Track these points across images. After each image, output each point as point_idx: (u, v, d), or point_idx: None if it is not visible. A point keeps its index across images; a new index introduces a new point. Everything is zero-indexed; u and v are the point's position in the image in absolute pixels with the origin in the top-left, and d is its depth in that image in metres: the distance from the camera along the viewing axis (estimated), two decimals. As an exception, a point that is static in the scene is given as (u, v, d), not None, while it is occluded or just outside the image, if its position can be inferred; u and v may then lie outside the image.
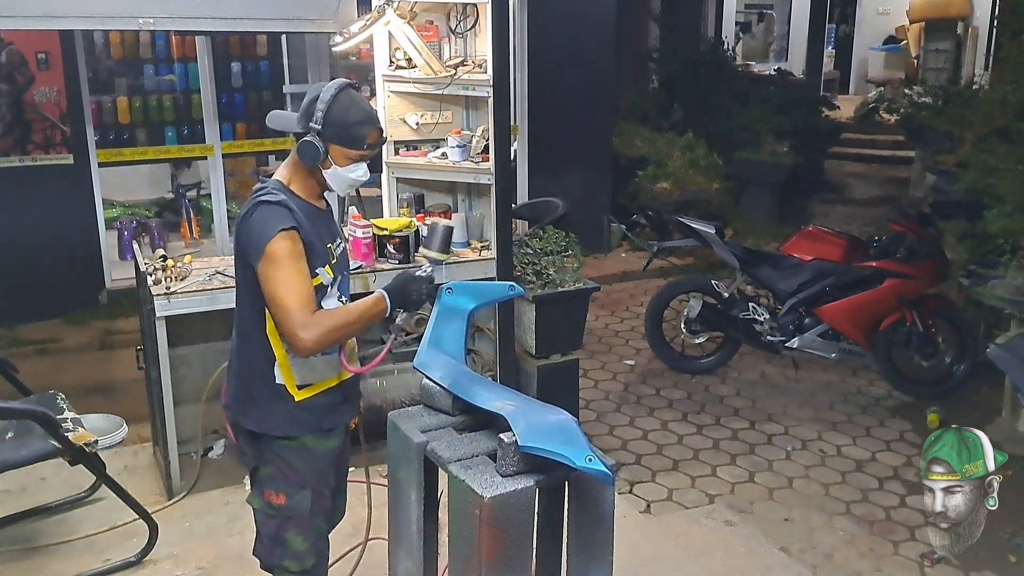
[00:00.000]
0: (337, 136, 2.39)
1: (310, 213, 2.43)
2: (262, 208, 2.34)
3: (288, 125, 2.45)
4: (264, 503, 2.53)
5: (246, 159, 8.94)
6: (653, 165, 8.64)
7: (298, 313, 2.26)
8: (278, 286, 2.28)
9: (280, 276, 2.28)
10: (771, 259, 5.54)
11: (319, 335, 2.28)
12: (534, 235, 4.74)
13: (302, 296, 2.28)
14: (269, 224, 2.30)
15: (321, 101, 2.37)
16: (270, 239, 2.28)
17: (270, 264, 2.28)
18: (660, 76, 10.56)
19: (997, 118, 5.63)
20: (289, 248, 2.29)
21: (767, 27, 16.79)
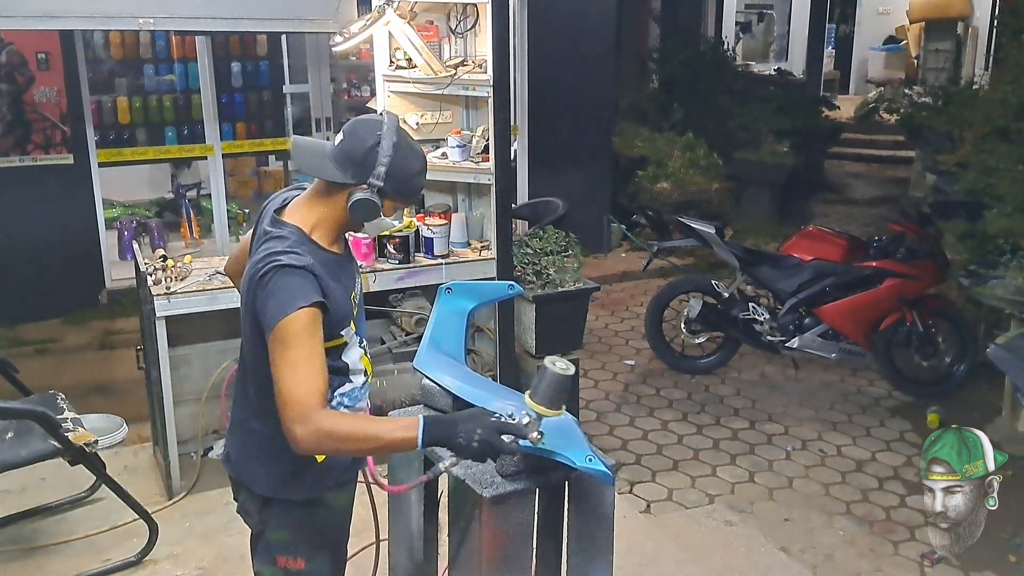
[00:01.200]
0: (397, 191, 2.08)
1: (333, 266, 2.10)
2: (284, 275, 1.97)
3: (325, 171, 2.06)
4: (278, 570, 2.21)
5: (246, 159, 8.95)
6: (653, 165, 8.64)
7: (296, 405, 1.93)
8: (283, 369, 1.96)
9: (288, 359, 1.95)
10: (771, 259, 5.54)
11: (316, 437, 1.93)
12: (534, 235, 4.74)
13: (305, 386, 1.94)
14: (290, 296, 1.96)
15: (383, 153, 2.03)
16: (287, 315, 1.95)
17: (280, 343, 1.96)
18: (660, 76, 10.56)
19: (997, 118, 5.63)
20: (305, 327, 1.96)
21: (767, 27, 16.79)
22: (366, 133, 2.05)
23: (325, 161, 2.06)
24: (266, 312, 1.97)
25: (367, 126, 2.07)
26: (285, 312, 1.94)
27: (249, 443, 2.24)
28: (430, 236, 4.34)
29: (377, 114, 2.12)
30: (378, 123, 2.06)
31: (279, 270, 1.97)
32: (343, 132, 2.07)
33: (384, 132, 2.04)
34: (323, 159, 2.06)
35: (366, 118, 2.11)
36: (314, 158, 2.08)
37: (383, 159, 2.02)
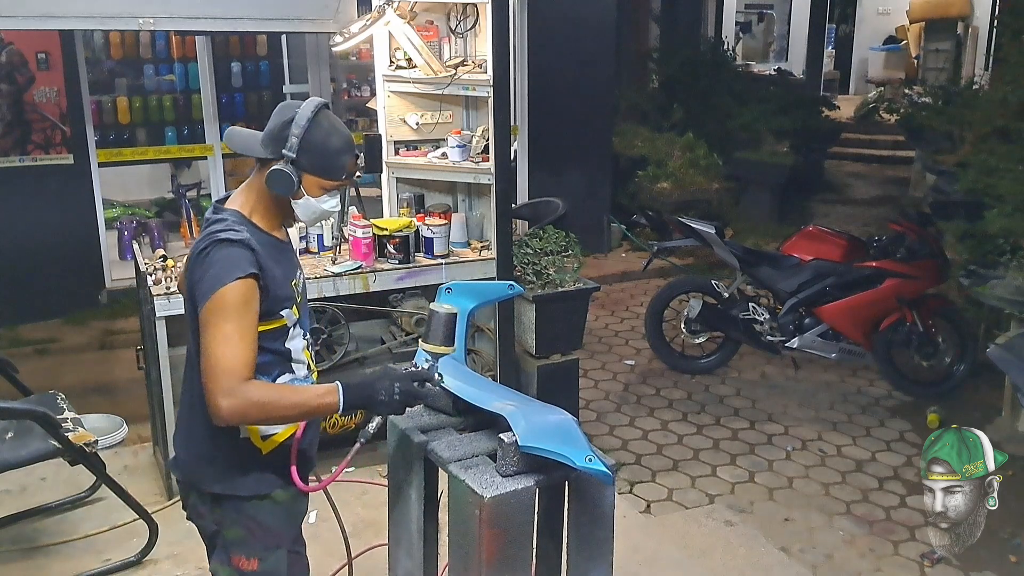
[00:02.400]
0: (313, 165, 2.11)
1: (273, 248, 2.14)
2: (220, 248, 2.02)
3: (251, 148, 2.14)
4: (233, 570, 2.22)
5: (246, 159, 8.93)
6: (653, 165, 8.64)
7: (224, 376, 1.95)
8: (214, 339, 1.97)
9: (219, 329, 1.97)
10: (771, 259, 5.54)
11: (240, 407, 1.95)
12: (534, 235, 4.74)
13: (236, 358, 1.96)
14: (226, 268, 1.99)
15: (296, 125, 2.08)
16: (224, 285, 1.98)
17: (213, 313, 1.98)
18: (660, 76, 10.57)
19: (997, 118, 5.63)
20: (240, 299, 1.99)
21: (767, 27, 16.81)
22: (286, 111, 2.13)
23: (253, 141, 2.15)
24: (202, 285, 2.00)
25: (289, 106, 2.15)
26: (222, 282, 1.98)
27: (196, 439, 2.23)
28: (430, 236, 4.34)
29: (305, 99, 2.19)
30: (299, 103, 2.13)
31: (216, 245, 2.02)
32: (272, 114, 2.16)
33: (301, 109, 2.10)
34: (251, 141, 2.15)
35: (291, 100, 2.20)
36: (243, 139, 2.18)
37: (295, 131, 2.08)
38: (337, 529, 2.83)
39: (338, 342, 4.19)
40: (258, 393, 1.99)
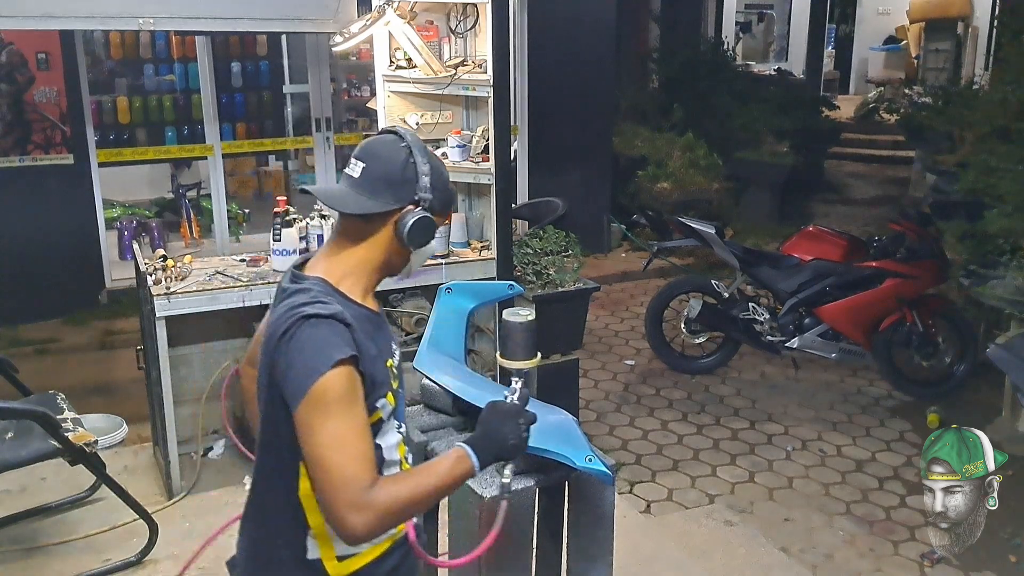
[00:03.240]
0: (442, 202, 1.78)
1: (368, 322, 1.73)
2: (308, 327, 1.63)
3: (362, 204, 1.72)
4: None
5: (246, 159, 8.97)
6: (653, 165, 8.64)
7: (350, 488, 1.57)
8: (326, 445, 1.59)
9: (330, 431, 1.59)
10: (771, 259, 5.54)
11: (375, 521, 1.59)
12: (534, 235, 4.74)
13: (356, 462, 1.59)
14: (321, 353, 1.61)
15: (421, 164, 1.74)
16: (321, 375, 1.59)
17: (317, 411, 1.59)
18: (660, 76, 10.57)
19: (997, 118, 5.62)
20: (345, 389, 1.61)
21: (767, 27, 16.80)
22: (391, 150, 1.75)
23: (352, 196, 1.73)
24: (293, 377, 1.62)
25: (386, 144, 1.77)
26: (319, 371, 1.59)
27: (254, 551, 1.87)
28: (430, 236, 4.34)
29: (384, 131, 1.82)
30: (397, 137, 1.77)
31: (303, 322, 1.63)
32: (361, 159, 1.75)
33: (411, 143, 1.76)
34: (348, 195, 1.74)
35: (377, 138, 1.80)
36: (339, 196, 1.75)
37: (423, 170, 1.74)
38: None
39: (338, 342, 4.18)
40: (389, 495, 1.61)
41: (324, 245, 1.83)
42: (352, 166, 1.76)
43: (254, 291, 3.98)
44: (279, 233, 4.06)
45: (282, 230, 4.06)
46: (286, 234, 4.08)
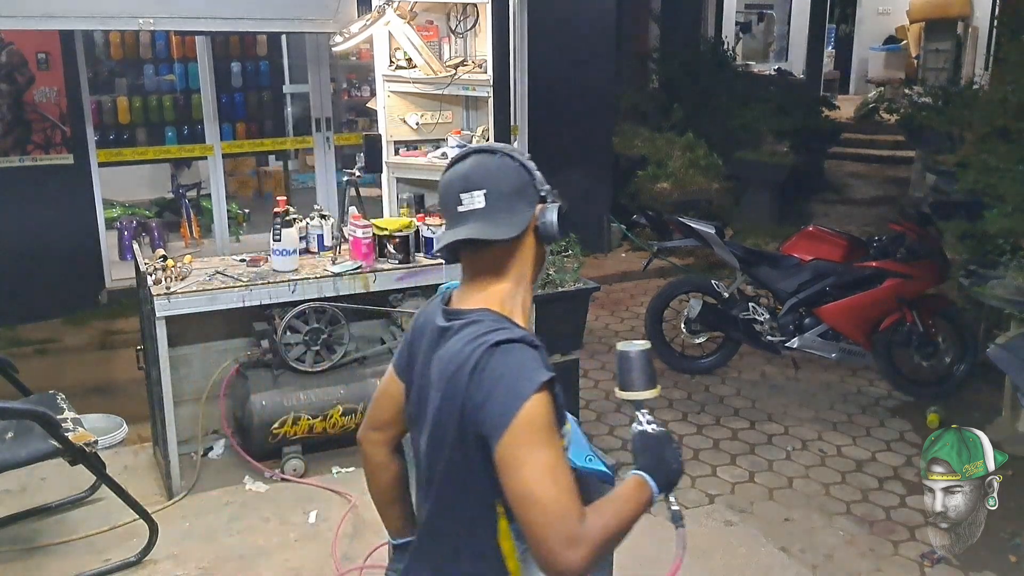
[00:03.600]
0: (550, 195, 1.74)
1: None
2: (502, 352, 1.54)
3: (510, 224, 1.64)
4: None
5: (246, 159, 8.97)
6: (653, 165, 8.64)
7: (567, 523, 1.46)
8: (537, 478, 1.47)
9: (540, 461, 1.47)
10: (771, 259, 5.54)
11: (590, 556, 1.47)
12: (534, 235, 4.74)
13: (568, 494, 1.48)
14: (522, 377, 1.51)
15: (524, 160, 1.71)
16: (525, 401, 1.49)
17: (523, 441, 1.48)
18: (660, 76, 10.58)
19: (997, 118, 5.63)
20: (549, 414, 1.51)
21: (767, 27, 16.81)
22: (498, 165, 1.68)
23: (495, 223, 1.63)
24: (491, 408, 1.51)
25: (488, 161, 1.68)
26: (522, 397, 1.49)
27: None
28: (430, 236, 4.34)
29: (470, 152, 1.72)
30: (488, 153, 1.70)
31: (493, 351, 1.53)
32: (477, 186, 1.64)
33: (504, 150, 1.70)
34: (491, 223, 1.63)
35: (476, 161, 1.69)
36: (488, 229, 1.63)
37: (530, 166, 1.71)
38: (337, 529, 2.83)
39: (338, 342, 4.19)
40: (599, 527, 1.51)
41: (463, 284, 1.73)
42: (468, 199, 1.64)
43: (254, 291, 3.98)
44: (279, 233, 4.06)
45: (282, 230, 4.07)
46: (286, 234, 4.08)
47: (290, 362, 4.10)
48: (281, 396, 4.11)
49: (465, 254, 1.69)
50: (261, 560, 3.54)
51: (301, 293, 4.05)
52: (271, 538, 3.68)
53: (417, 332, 1.77)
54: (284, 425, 4.09)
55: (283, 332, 4.05)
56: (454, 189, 1.67)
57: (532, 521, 1.47)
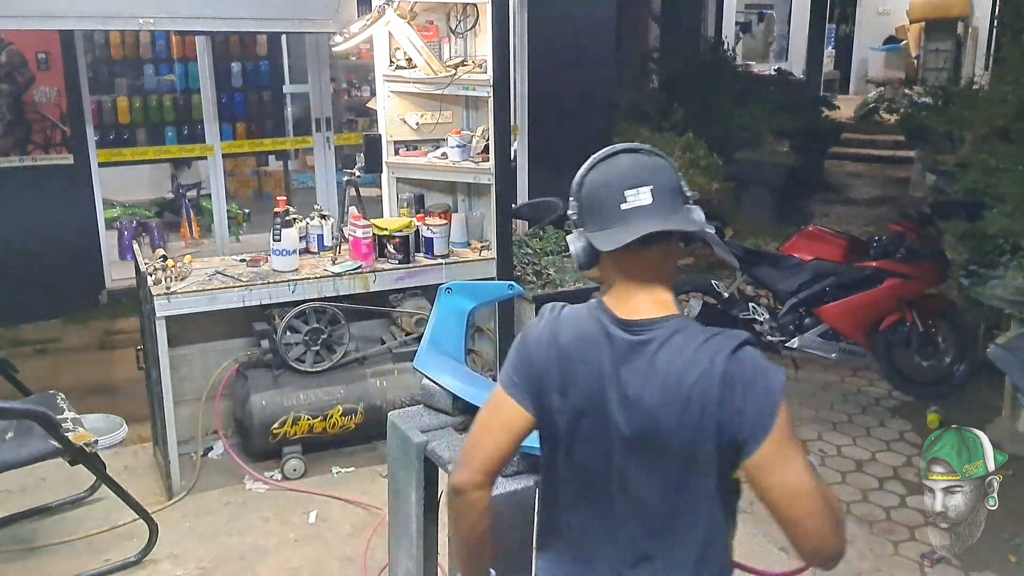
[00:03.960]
0: None
1: None
2: (747, 356, 1.57)
3: (692, 216, 1.69)
4: None
5: (246, 159, 8.97)
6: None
7: (833, 505, 1.56)
8: (804, 469, 1.55)
9: (800, 454, 1.56)
10: (771, 259, 5.54)
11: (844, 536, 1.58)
12: (534, 235, 4.74)
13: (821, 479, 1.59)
14: (771, 376, 1.57)
15: (665, 155, 1.72)
16: (781, 397, 1.56)
17: (788, 437, 1.54)
18: (660, 76, 10.58)
19: (997, 118, 5.63)
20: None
21: (767, 27, 16.81)
22: (655, 162, 1.67)
23: (671, 216, 1.63)
24: (753, 412, 1.54)
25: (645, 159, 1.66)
26: (778, 396, 1.55)
27: None
28: (430, 236, 4.35)
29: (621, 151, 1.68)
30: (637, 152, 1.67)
31: (735, 357, 1.55)
32: (643, 183, 1.62)
33: (646, 148, 1.68)
34: (667, 216, 1.62)
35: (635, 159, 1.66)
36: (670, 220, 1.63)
37: (671, 161, 1.71)
38: (337, 529, 2.83)
39: (338, 342, 4.19)
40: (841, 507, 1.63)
41: (618, 290, 1.66)
42: (634, 196, 1.60)
43: (254, 291, 3.98)
44: (279, 233, 4.06)
45: (282, 230, 4.07)
46: (286, 234, 4.08)
47: (290, 362, 4.10)
48: (281, 396, 4.11)
49: (626, 254, 1.61)
50: (261, 560, 3.54)
51: (301, 293, 4.05)
52: (271, 538, 3.68)
53: (573, 351, 1.64)
54: (284, 425, 4.09)
55: (283, 332, 4.05)
56: (616, 186, 1.62)
57: (809, 511, 1.52)
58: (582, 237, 1.66)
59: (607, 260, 1.65)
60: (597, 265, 1.68)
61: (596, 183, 1.65)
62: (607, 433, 1.61)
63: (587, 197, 1.66)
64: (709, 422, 1.54)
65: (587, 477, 1.66)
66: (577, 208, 1.68)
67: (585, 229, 1.66)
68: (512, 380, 1.69)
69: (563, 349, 1.65)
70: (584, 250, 1.66)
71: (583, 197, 1.67)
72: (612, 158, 1.66)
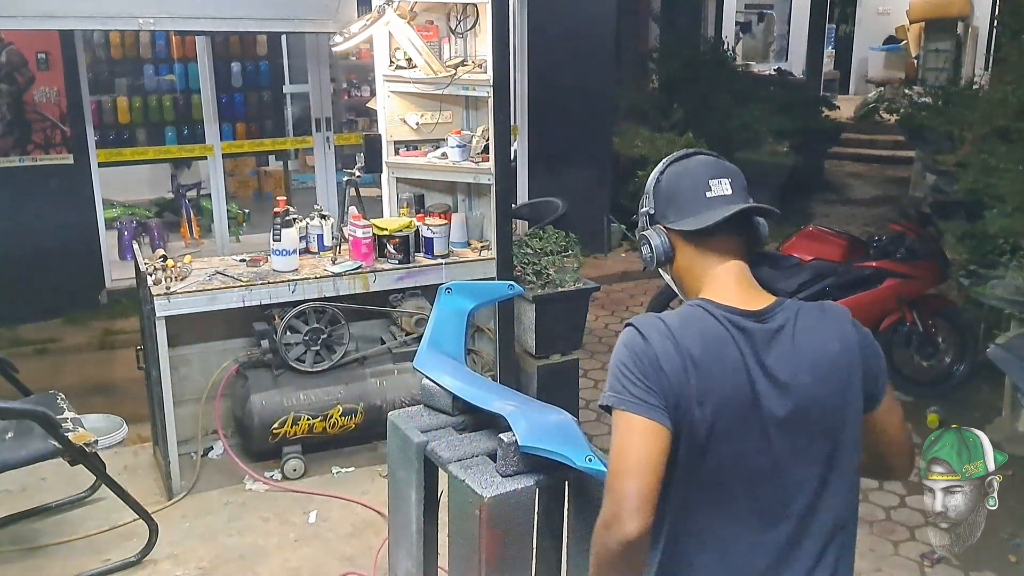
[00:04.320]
0: None
1: None
2: (856, 320, 1.84)
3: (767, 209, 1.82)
4: None
5: (246, 159, 8.97)
6: (653, 165, 8.62)
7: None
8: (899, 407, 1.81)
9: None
10: (771, 259, 5.53)
11: None
12: (534, 235, 4.74)
13: None
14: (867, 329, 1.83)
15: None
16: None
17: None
18: (660, 76, 10.56)
19: (997, 118, 5.62)
20: None
21: (767, 27, 16.81)
22: (722, 162, 1.79)
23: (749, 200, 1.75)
24: (882, 369, 1.75)
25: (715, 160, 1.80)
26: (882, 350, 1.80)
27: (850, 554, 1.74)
28: (430, 236, 4.35)
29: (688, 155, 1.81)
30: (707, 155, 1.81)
31: (856, 322, 1.80)
32: (723, 176, 1.75)
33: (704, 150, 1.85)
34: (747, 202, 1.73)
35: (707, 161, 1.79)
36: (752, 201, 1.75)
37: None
38: (337, 529, 2.83)
39: (338, 342, 4.19)
40: None
41: (712, 278, 1.75)
42: (718, 185, 1.71)
43: (254, 291, 3.98)
44: (279, 233, 4.07)
45: (282, 230, 4.07)
46: (286, 234, 4.08)
47: (290, 362, 4.10)
48: (281, 396, 4.11)
49: (712, 241, 1.72)
50: (261, 560, 3.54)
51: (301, 293, 4.05)
52: (271, 538, 3.68)
53: (705, 357, 1.62)
54: (284, 425, 4.09)
55: (283, 332, 4.05)
56: (701, 176, 1.71)
57: (908, 447, 1.80)
58: (661, 232, 1.72)
59: (692, 253, 1.73)
60: (672, 264, 1.76)
61: (678, 174, 1.74)
62: (760, 423, 1.60)
63: (668, 188, 1.74)
64: (855, 388, 1.66)
65: (735, 475, 1.62)
66: (654, 204, 1.74)
67: (665, 222, 1.72)
68: (648, 404, 1.61)
69: (695, 359, 1.61)
70: (664, 244, 1.73)
71: (662, 190, 1.74)
72: (687, 158, 1.76)
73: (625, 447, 1.58)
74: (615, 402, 1.63)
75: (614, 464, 1.58)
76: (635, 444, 1.58)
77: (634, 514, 1.52)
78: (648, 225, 1.76)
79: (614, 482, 1.56)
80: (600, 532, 1.55)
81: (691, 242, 1.71)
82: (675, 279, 1.81)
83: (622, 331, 1.74)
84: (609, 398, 1.65)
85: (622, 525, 1.51)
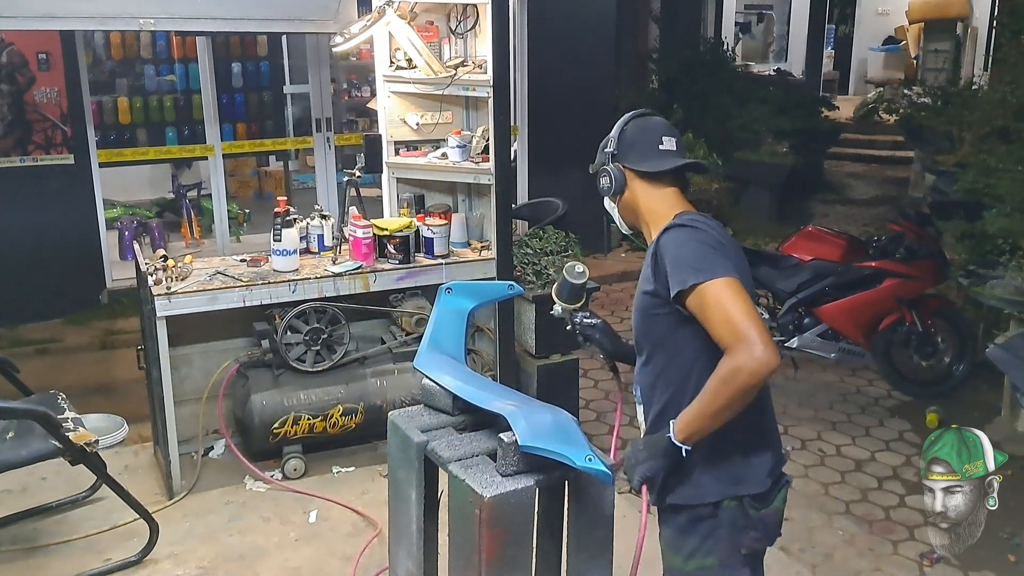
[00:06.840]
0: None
1: None
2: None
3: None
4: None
5: (246, 159, 8.99)
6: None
7: None
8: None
9: None
10: (771, 259, 5.54)
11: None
12: (534, 235, 4.74)
13: None
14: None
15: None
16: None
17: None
18: (660, 76, 10.56)
19: (997, 118, 5.63)
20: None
21: (767, 27, 16.80)
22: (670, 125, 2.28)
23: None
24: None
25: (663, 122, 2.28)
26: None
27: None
28: (430, 236, 4.35)
29: (644, 113, 2.32)
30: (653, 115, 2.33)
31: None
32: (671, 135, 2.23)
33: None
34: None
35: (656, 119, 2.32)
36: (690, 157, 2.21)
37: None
38: (338, 529, 2.83)
39: (338, 342, 4.19)
40: None
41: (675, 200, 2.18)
42: (669, 142, 2.20)
43: (254, 291, 3.98)
44: (279, 233, 4.07)
45: (282, 230, 4.07)
46: (286, 234, 4.09)
47: (290, 362, 4.10)
48: (281, 396, 4.12)
49: (660, 185, 2.19)
50: (261, 560, 3.54)
51: (301, 293, 4.06)
52: (271, 538, 3.68)
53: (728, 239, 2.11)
54: (284, 425, 4.09)
55: (283, 332, 4.05)
56: (657, 132, 2.22)
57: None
58: (619, 169, 2.21)
59: (641, 189, 2.19)
60: (621, 196, 2.23)
61: (641, 127, 2.24)
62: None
63: (631, 137, 2.23)
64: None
65: None
66: (617, 146, 2.23)
67: (625, 162, 2.21)
68: (731, 266, 1.96)
69: (725, 240, 2.07)
70: (620, 178, 2.21)
71: (627, 137, 2.23)
72: (647, 116, 2.27)
73: (735, 303, 1.90)
74: (707, 276, 1.92)
75: (737, 317, 1.88)
76: (742, 297, 1.91)
77: (770, 345, 1.85)
78: (609, 162, 2.23)
79: (746, 332, 1.86)
80: (737, 374, 1.85)
81: (645, 180, 2.19)
82: (619, 208, 2.28)
83: (664, 236, 2.07)
84: (698, 275, 1.93)
85: (769, 359, 1.84)
